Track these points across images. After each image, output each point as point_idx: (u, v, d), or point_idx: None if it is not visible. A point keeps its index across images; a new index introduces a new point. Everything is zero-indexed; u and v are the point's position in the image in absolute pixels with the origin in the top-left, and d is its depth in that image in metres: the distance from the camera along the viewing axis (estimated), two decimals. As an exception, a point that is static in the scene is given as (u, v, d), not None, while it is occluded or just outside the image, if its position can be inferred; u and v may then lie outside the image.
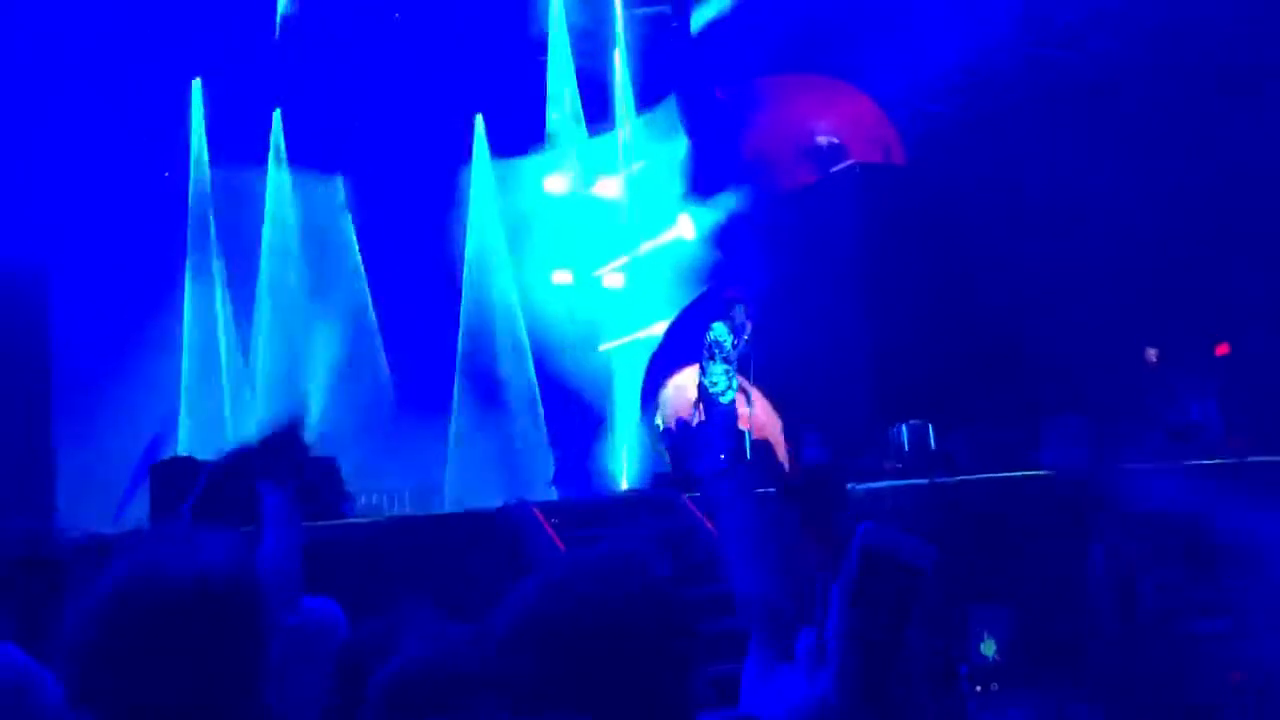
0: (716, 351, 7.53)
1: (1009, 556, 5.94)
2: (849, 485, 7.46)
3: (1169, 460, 6.90)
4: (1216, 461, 7.02)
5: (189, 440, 9.16)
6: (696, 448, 7.53)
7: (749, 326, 7.57)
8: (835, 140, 10.09)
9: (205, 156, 10.13)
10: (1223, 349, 8.30)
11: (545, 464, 9.72)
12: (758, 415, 8.71)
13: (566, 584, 1.39)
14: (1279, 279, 8.14)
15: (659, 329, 10.33)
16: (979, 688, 5.22)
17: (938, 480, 6.81)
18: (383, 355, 10.19)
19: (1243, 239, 8.36)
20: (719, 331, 7.54)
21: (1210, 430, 7.65)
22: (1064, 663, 5.08)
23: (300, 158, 10.44)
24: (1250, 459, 6.84)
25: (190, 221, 9.98)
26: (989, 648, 4.93)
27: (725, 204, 10.00)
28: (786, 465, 8.89)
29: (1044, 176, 8.94)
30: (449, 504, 9.12)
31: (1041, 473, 6.83)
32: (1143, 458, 6.76)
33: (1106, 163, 8.81)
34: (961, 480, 6.86)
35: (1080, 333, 8.08)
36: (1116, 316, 8.31)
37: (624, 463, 9.88)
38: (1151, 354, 8.22)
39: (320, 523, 5.78)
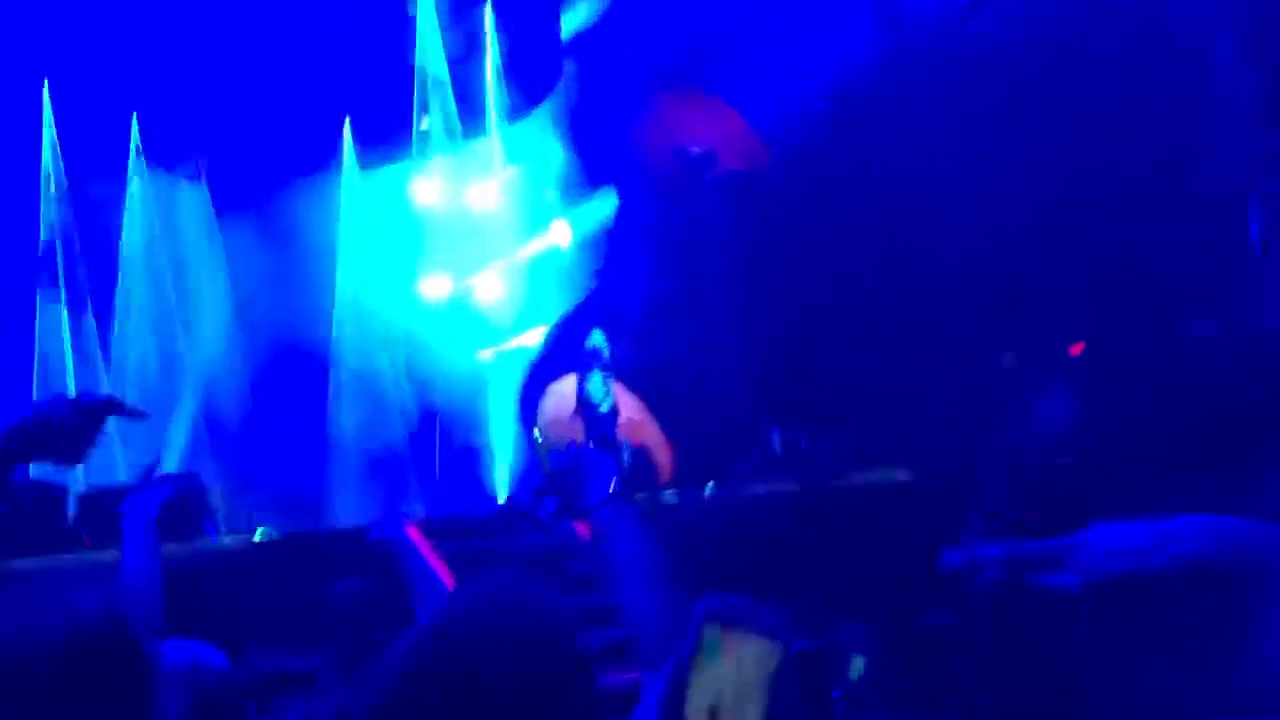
0: (595, 360, 7.54)
1: (870, 565, 6.05)
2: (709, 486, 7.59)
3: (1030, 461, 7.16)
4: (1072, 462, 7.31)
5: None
6: (585, 472, 7.50)
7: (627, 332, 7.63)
8: (705, 149, 10.23)
9: (58, 164, 9.75)
10: (1077, 349, 8.65)
11: (420, 477, 9.60)
12: (632, 417, 8.75)
13: (450, 635, 1.33)
14: (1133, 275, 8.53)
15: (536, 337, 10.30)
16: (851, 712, 5.30)
17: (804, 483, 6.94)
18: (248, 366, 9.92)
19: (1098, 238, 8.72)
20: (597, 339, 7.56)
21: (1066, 431, 7.96)
22: (930, 675, 5.22)
23: (161, 162, 10.12)
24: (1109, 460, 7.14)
25: (42, 233, 9.60)
26: (857, 668, 5.01)
27: (599, 211, 10.04)
28: (666, 466, 8.95)
29: (904, 176, 9.17)
30: (320, 519, 8.93)
31: (902, 478, 7.01)
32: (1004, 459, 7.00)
33: (962, 162, 9.06)
34: (825, 485, 7.00)
35: (942, 335, 8.35)
36: (975, 319, 8.59)
37: (501, 475, 9.82)
38: (1007, 357, 8.52)
39: (180, 545, 5.60)
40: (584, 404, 7.47)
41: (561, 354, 9.03)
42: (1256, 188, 8.46)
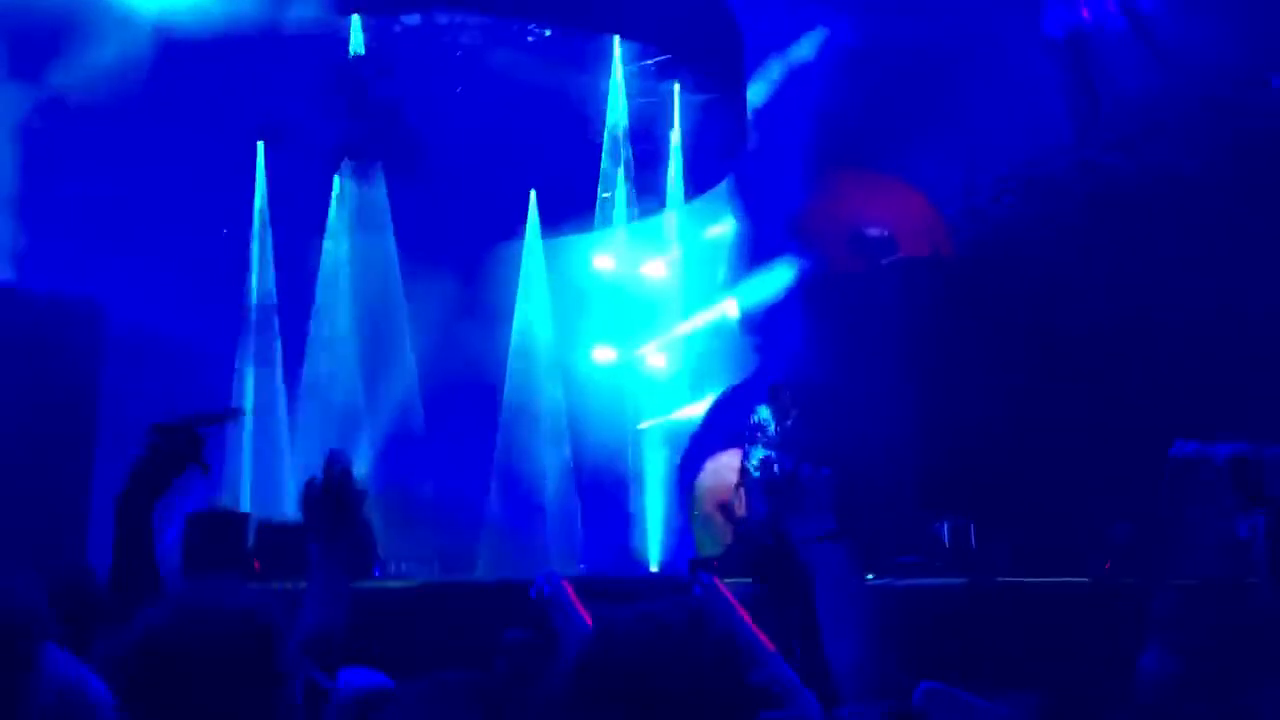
0: (760, 435, 7.49)
1: (1043, 663, 5.78)
2: (868, 576, 7.38)
3: (1217, 573, 6.73)
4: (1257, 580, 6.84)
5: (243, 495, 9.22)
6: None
7: (793, 412, 7.54)
8: (885, 232, 10.13)
9: (266, 216, 10.35)
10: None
11: (576, 539, 9.66)
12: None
13: (624, 640, 1.37)
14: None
15: (698, 410, 10.31)
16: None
17: (976, 580, 6.69)
18: (421, 415, 10.22)
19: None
20: (763, 414, 7.52)
21: (1258, 545, 7.47)
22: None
23: (353, 222, 10.62)
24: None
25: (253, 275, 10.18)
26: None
27: (771, 288, 10.03)
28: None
29: (1094, 280, 8.91)
30: (480, 573, 9.06)
31: (1085, 580, 6.68)
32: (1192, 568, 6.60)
33: (1155, 270, 8.76)
34: (1001, 582, 6.72)
35: (1130, 441, 7.95)
36: (1166, 427, 8.19)
37: (654, 544, 9.80)
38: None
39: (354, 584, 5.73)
40: (746, 479, 7.42)
41: (724, 427, 8.99)
42: None
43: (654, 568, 9.27)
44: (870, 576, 7.48)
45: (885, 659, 1.75)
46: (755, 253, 10.21)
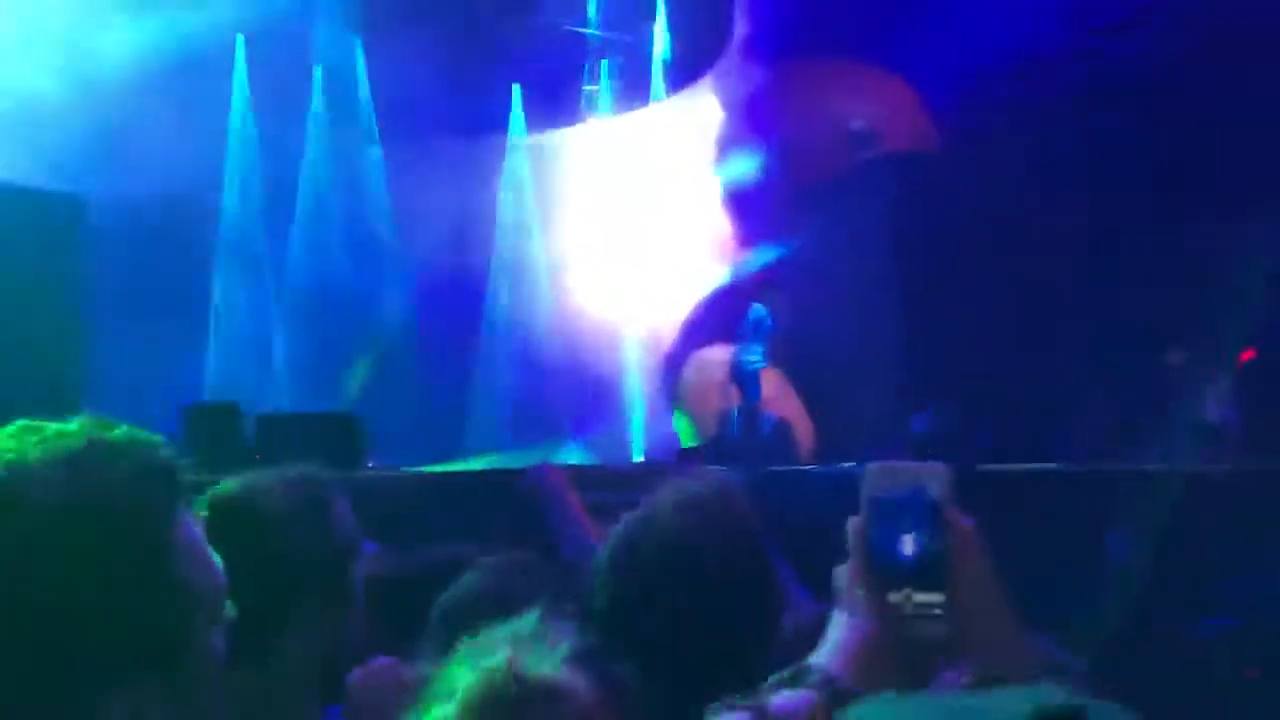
0: (756, 332, 7.63)
1: (1021, 552, 5.97)
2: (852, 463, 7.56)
3: (1191, 462, 6.92)
4: (1234, 467, 7.05)
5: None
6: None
7: (785, 311, 7.69)
8: (869, 125, 10.09)
9: (247, 110, 10.25)
10: (1248, 355, 8.31)
11: (560, 424, 9.85)
12: (773, 391, 8.78)
13: (658, 518, 1.44)
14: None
15: (682, 302, 10.37)
16: None
17: (956, 466, 6.85)
18: (408, 308, 10.27)
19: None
20: (759, 312, 7.66)
21: (1229, 435, 7.68)
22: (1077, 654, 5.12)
23: (341, 118, 10.55)
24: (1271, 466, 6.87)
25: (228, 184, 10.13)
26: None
27: (754, 180, 10.02)
28: (806, 441, 8.95)
29: (1084, 167, 8.93)
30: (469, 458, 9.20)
31: (1058, 466, 6.86)
32: (1165, 459, 6.77)
33: (1144, 156, 8.79)
34: (981, 470, 6.89)
35: (1110, 330, 8.10)
36: (1146, 316, 8.32)
37: (639, 432, 9.96)
38: (1176, 357, 8.24)
39: (338, 475, 5.84)
40: (739, 373, 7.56)
41: (714, 323, 9.08)
42: None
43: (639, 458, 9.44)
44: (850, 464, 7.69)
45: None
46: (742, 145, 10.17)
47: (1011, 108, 9.52)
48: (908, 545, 1.14)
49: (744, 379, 7.74)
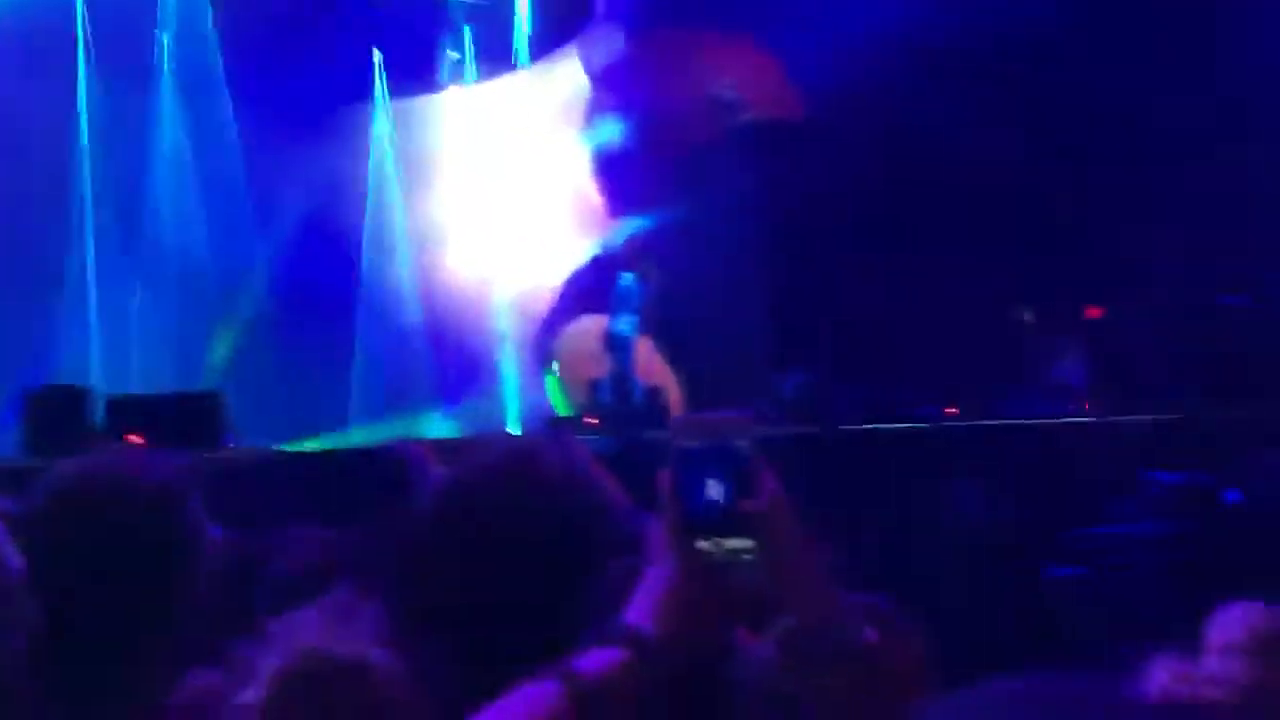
0: (625, 301, 7.67)
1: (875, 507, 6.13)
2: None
3: (1041, 417, 7.23)
4: (1083, 420, 7.39)
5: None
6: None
7: (656, 277, 7.74)
8: (735, 95, 10.16)
9: (92, 77, 9.83)
10: (1094, 312, 8.67)
11: (431, 395, 9.77)
12: (643, 357, 8.85)
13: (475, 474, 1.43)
14: (1152, 245, 8.57)
15: (554, 270, 10.34)
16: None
17: (820, 429, 7.04)
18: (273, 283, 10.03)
19: (1123, 205, 8.76)
20: (629, 280, 7.70)
21: (1078, 390, 8.02)
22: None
23: (192, 84, 10.19)
24: (1113, 418, 7.22)
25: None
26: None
27: (621, 148, 10.02)
28: (677, 409, 9.04)
29: (937, 130, 9.16)
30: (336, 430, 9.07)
31: (907, 425, 7.10)
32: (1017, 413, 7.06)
33: (991, 122, 9.06)
34: (842, 430, 7.09)
35: (963, 290, 8.38)
36: (996, 277, 8.63)
37: (511, 402, 9.93)
38: (1025, 314, 8.56)
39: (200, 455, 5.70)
40: (611, 341, 7.59)
41: (585, 292, 9.09)
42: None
43: (512, 428, 9.42)
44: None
45: None
46: (604, 114, 10.16)
47: (876, 82, 9.70)
48: (715, 494, 1.14)
49: (616, 347, 7.80)
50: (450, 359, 10.10)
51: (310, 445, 7.26)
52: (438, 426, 9.14)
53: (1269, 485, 6.06)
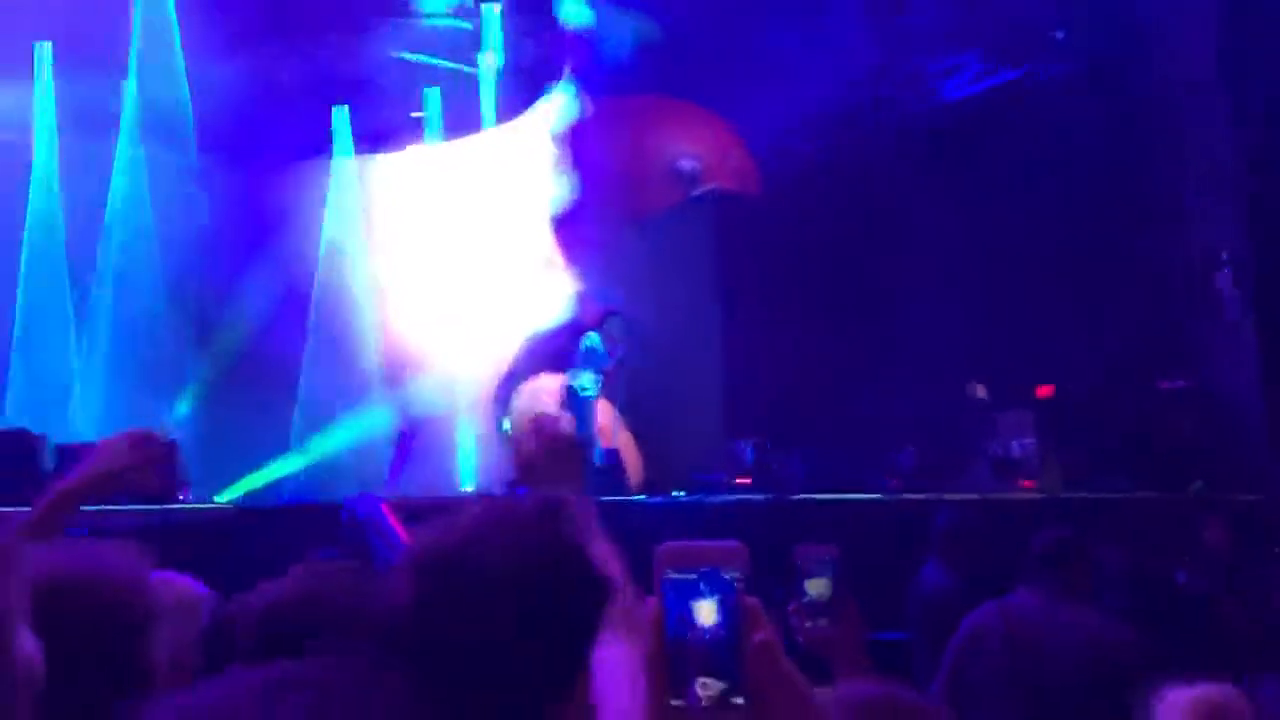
0: (589, 361, 7.66)
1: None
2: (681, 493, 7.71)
3: (992, 491, 7.35)
4: (1033, 496, 7.53)
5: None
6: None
7: (624, 341, 7.75)
8: (696, 165, 10.33)
9: (52, 125, 9.75)
10: (1044, 391, 8.85)
11: (383, 459, 9.65)
12: (604, 421, 8.86)
13: (473, 526, 1.39)
14: (1100, 328, 8.81)
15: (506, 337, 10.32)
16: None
17: (775, 497, 7.09)
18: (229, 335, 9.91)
19: (1070, 287, 9.00)
20: (593, 341, 7.70)
21: (1028, 466, 8.16)
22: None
23: (151, 130, 10.13)
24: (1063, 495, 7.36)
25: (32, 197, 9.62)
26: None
27: (583, 215, 10.11)
28: (635, 471, 9.06)
29: (892, 209, 9.40)
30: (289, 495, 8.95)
31: (868, 496, 7.19)
32: (968, 488, 7.16)
33: (945, 204, 9.30)
34: (797, 499, 7.15)
35: (916, 365, 8.53)
36: (948, 353, 8.79)
37: (467, 462, 9.86)
38: (978, 390, 8.71)
39: (155, 508, 5.63)
40: (571, 402, 7.56)
41: (545, 351, 9.09)
42: (1227, 249, 8.74)
43: (468, 488, 9.36)
44: (680, 493, 7.83)
45: None
46: (567, 176, 10.25)
47: (829, 155, 9.93)
48: (704, 631, 1.09)
49: (576, 407, 7.77)
50: (402, 418, 10.01)
51: (253, 481, 7.12)
52: (388, 484, 9.04)
53: (1209, 565, 6.19)
